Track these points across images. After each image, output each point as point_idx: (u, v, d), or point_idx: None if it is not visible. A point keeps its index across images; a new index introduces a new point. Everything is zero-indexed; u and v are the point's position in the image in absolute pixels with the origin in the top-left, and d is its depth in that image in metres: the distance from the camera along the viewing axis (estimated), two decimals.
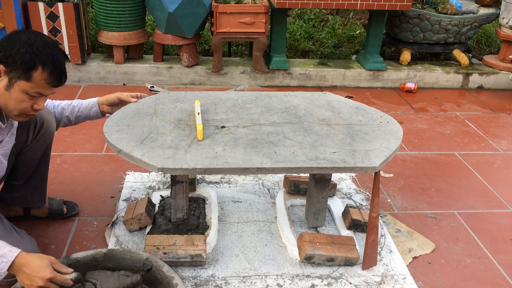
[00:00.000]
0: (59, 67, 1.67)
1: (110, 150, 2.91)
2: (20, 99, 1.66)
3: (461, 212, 2.56)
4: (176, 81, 4.08)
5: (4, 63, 1.61)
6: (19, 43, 1.61)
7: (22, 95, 1.65)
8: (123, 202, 2.44)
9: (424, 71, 4.30)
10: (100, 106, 2.15)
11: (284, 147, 1.93)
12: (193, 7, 3.74)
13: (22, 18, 3.63)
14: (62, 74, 1.69)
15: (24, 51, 1.60)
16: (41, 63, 1.62)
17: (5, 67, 1.62)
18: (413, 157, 3.11)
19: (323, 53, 4.71)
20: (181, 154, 1.83)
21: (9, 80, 1.63)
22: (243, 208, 2.44)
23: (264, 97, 2.38)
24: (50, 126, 2.07)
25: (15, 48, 1.60)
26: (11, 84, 1.63)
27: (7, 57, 1.60)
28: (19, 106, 1.67)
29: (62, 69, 1.69)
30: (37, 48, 1.61)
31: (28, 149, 2.05)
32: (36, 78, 1.63)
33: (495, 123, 3.69)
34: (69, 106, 2.14)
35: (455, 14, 4.29)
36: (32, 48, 1.61)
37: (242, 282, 1.97)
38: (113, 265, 1.82)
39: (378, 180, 1.96)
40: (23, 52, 1.60)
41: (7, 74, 1.62)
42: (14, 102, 1.66)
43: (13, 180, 2.13)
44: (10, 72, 1.62)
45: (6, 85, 1.64)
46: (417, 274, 2.11)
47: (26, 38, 1.62)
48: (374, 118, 2.22)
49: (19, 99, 1.66)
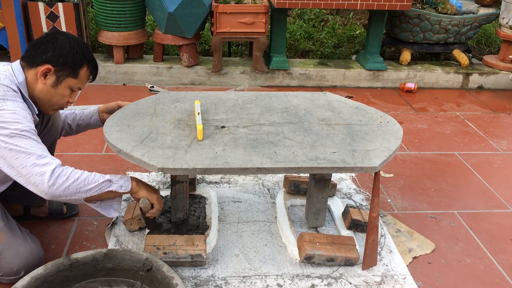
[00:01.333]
0: (96, 64, 1.92)
1: (110, 150, 2.91)
2: (64, 95, 1.86)
3: (461, 212, 2.56)
4: (176, 81, 4.08)
5: (54, 63, 1.78)
6: (68, 44, 1.80)
7: (67, 91, 1.85)
8: (123, 202, 2.44)
9: (424, 71, 4.30)
10: (100, 114, 2.24)
11: (284, 147, 1.93)
12: (193, 7, 3.74)
13: (22, 18, 3.63)
14: (97, 70, 1.95)
15: (74, 52, 1.80)
16: (87, 62, 1.85)
17: (54, 66, 1.78)
18: (413, 157, 3.11)
19: (323, 53, 4.71)
20: (181, 154, 1.83)
21: (57, 78, 1.81)
22: (243, 208, 2.44)
23: (264, 97, 2.38)
24: (56, 121, 2.14)
25: (65, 50, 1.79)
26: (59, 81, 1.82)
27: (58, 58, 1.78)
28: (61, 100, 1.87)
29: (97, 65, 1.94)
30: (82, 49, 1.83)
31: None
32: (82, 75, 1.85)
33: (495, 123, 3.69)
34: (71, 114, 2.25)
35: (455, 14, 4.29)
36: (80, 48, 1.82)
37: (242, 282, 1.97)
38: (113, 265, 1.82)
39: (378, 180, 1.96)
40: (74, 53, 1.80)
41: (55, 73, 1.80)
42: (58, 98, 1.85)
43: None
44: (59, 71, 1.80)
45: (53, 83, 1.81)
46: (417, 274, 2.11)
47: (71, 40, 1.82)
48: (374, 118, 2.22)
49: (64, 95, 1.85)
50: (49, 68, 1.78)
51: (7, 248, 1.84)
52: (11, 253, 1.83)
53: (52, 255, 2.08)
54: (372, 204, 1.98)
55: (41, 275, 1.69)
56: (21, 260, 1.84)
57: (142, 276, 1.81)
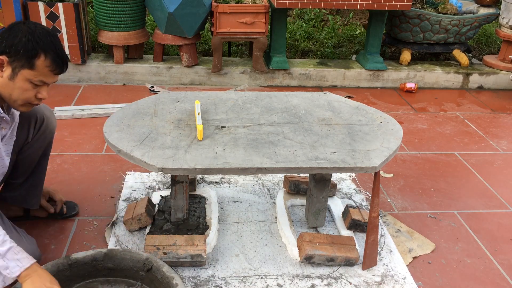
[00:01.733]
0: (61, 54, 1.70)
1: (110, 150, 2.91)
2: (24, 88, 1.68)
3: (461, 212, 2.56)
4: (176, 81, 4.08)
5: (7, 53, 1.64)
6: (21, 32, 1.64)
7: (26, 84, 1.68)
8: (123, 202, 2.44)
9: (424, 71, 4.30)
10: None
11: (284, 147, 1.93)
12: (193, 7, 3.74)
13: (22, 18, 3.63)
14: (64, 61, 1.73)
15: (26, 40, 1.63)
16: (43, 51, 1.65)
17: (8, 57, 1.64)
18: (413, 157, 3.11)
19: (323, 53, 4.71)
20: (181, 154, 1.83)
21: (13, 70, 1.65)
22: (243, 208, 2.44)
23: (264, 97, 2.38)
24: (50, 123, 2.10)
25: (17, 38, 1.63)
26: (15, 73, 1.66)
27: (10, 47, 1.63)
28: (23, 95, 1.70)
29: (64, 56, 1.73)
30: (38, 37, 1.64)
31: (28, 146, 2.06)
32: (39, 66, 1.66)
33: (495, 123, 3.69)
34: None
35: (455, 14, 4.29)
36: (34, 36, 1.64)
37: (242, 282, 1.97)
38: (113, 265, 1.82)
39: (378, 180, 1.96)
40: (25, 41, 1.63)
41: (10, 64, 1.65)
42: (18, 92, 1.69)
43: (13, 179, 2.13)
44: (13, 62, 1.64)
45: (9, 75, 1.66)
46: (417, 274, 2.11)
47: (27, 28, 1.65)
48: (374, 118, 2.22)
49: (23, 88, 1.68)
50: (1, 59, 1.64)
51: None
52: None
53: (52, 255, 2.08)
54: (372, 204, 1.98)
55: None
56: None
57: (142, 276, 1.81)
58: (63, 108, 3.40)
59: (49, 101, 2.11)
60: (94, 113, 3.35)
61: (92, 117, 3.34)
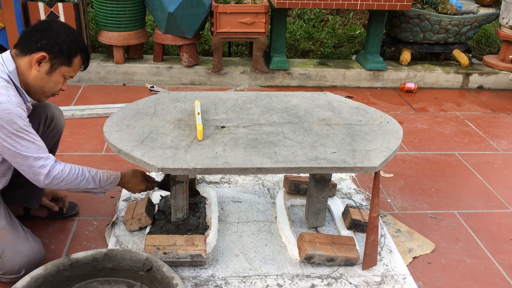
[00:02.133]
0: (89, 53, 1.97)
1: (110, 150, 2.91)
2: (58, 82, 1.88)
3: (461, 212, 2.56)
4: (176, 81, 4.08)
5: (49, 51, 1.79)
6: (63, 33, 1.82)
7: (61, 78, 1.88)
8: (123, 202, 2.44)
9: (424, 71, 4.30)
10: None
11: (284, 147, 1.93)
12: (193, 7, 3.74)
13: (22, 18, 3.63)
14: (89, 59, 1.98)
15: (69, 41, 1.83)
16: (80, 51, 1.88)
17: (49, 54, 1.80)
18: (413, 157, 3.11)
19: (323, 53, 4.71)
20: (181, 154, 1.83)
21: (52, 66, 1.82)
22: (243, 208, 2.44)
23: (264, 97, 2.38)
24: (59, 123, 2.19)
25: (60, 38, 1.81)
26: (53, 69, 1.83)
27: (53, 46, 1.80)
28: (55, 88, 1.89)
29: (89, 55, 1.99)
30: (76, 38, 1.86)
31: None
32: (75, 64, 1.88)
33: (495, 123, 3.69)
34: None
35: (455, 14, 4.29)
36: (74, 37, 1.85)
37: (242, 282, 1.97)
38: (113, 265, 1.82)
39: (378, 180, 1.96)
40: (68, 42, 1.82)
41: (50, 61, 1.81)
42: (52, 85, 1.87)
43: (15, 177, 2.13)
44: (53, 58, 1.81)
45: (47, 70, 1.83)
46: (417, 274, 2.11)
47: (66, 29, 1.85)
48: (374, 118, 2.22)
49: (57, 82, 1.88)
50: (44, 55, 1.79)
51: (9, 247, 1.84)
52: (13, 252, 1.84)
53: (52, 255, 2.08)
54: (372, 204, 1.98)
55: (41, 275, 1.69)
56: (23, 259, 1.84)
57: (142, 276, 1.81)
58: (63, 108, 3.40)
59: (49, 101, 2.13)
60: (94, 113, 3.35)
61: (92, 117, 3.34)
